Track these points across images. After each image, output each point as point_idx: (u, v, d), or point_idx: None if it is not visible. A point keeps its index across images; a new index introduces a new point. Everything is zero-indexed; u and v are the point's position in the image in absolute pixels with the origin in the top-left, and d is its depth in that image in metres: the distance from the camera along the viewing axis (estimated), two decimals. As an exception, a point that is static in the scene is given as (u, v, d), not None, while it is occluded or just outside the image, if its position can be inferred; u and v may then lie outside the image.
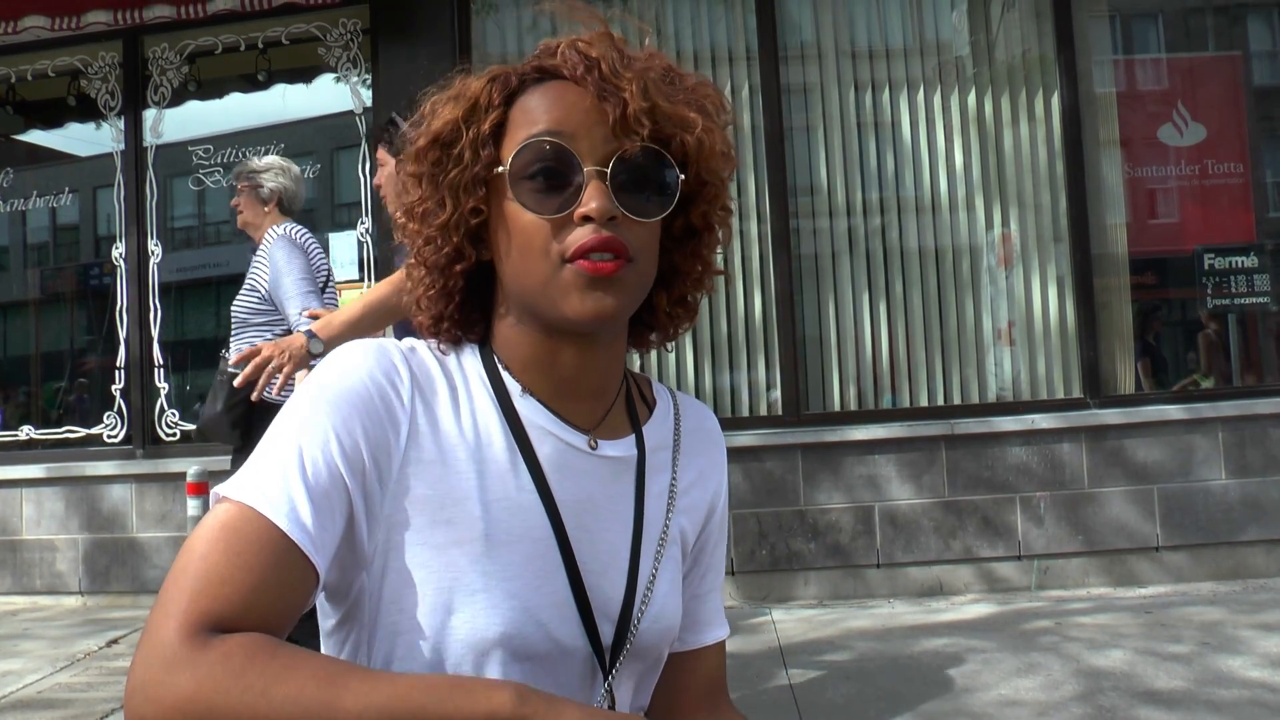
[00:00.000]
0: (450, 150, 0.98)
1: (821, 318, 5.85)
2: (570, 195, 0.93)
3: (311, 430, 0.89)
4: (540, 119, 0.95)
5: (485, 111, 0.97)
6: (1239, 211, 6.03)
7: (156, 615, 0.78)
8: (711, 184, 1.01)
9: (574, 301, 0.93)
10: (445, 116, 0.98)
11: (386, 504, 0.93)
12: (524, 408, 1.00)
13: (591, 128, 0.94)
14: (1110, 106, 5.93)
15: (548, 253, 0.93)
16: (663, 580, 1.06)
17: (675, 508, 1.09)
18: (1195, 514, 5.33)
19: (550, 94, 0.96)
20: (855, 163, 5.91)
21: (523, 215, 0.94)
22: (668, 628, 1.06)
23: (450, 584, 0.93)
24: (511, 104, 0.98)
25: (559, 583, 0.98)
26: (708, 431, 1.17)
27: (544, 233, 0.94)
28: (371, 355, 0.97)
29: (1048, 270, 5.80)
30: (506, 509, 0.96)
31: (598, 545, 1.01)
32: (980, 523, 5.35)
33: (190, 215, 6.33)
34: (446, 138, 0.98)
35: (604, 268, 0.92)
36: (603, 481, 1.03)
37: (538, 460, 0.99)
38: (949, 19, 6.04)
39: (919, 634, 4.62)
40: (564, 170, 0.93)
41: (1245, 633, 4.33)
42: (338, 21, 5.95)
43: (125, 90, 6.15)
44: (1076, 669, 4.00)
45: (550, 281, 0.94)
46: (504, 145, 0.97)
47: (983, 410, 5.63)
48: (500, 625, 0.93)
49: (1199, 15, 6.24)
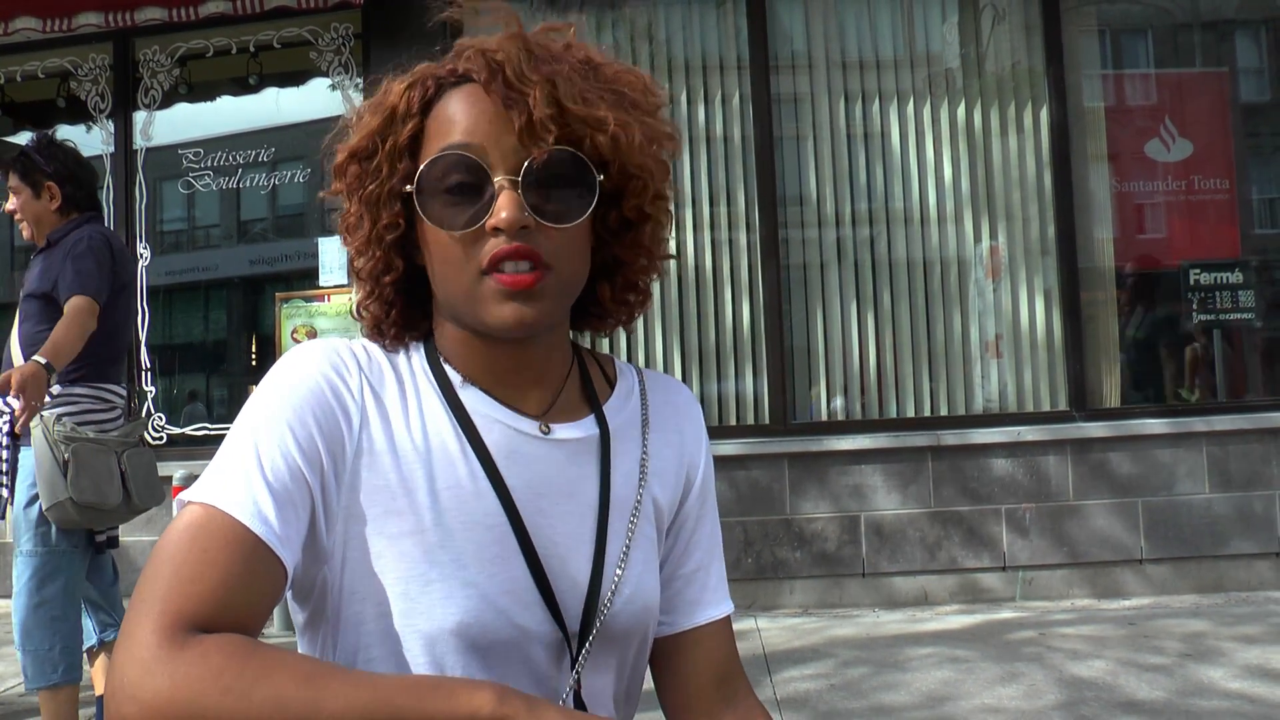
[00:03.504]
0: (368, 164, 0.98)
1: (809, 328, 5.86)
2: (482, 207, 0.92)
3: (267, 428, 0.90)
4: (452, 129, 0.94)
5: (403, 122, 0.96)
6: (1225, 227, 6.06)
7: (132, 617, 0.78)
8: (639, 177, 0.99)
9: (494, 312, 0.93)
10: (364, 129, 0.98)
11: (343, 496, 0.93)
12: (468, 397, 1.01)
13: (500, 135, 0.93)
14: (1099, 121, 5.97)
15: (465, 265, 0.94)
16: (635, 560, 1.04)
17: (646, 484, 1.08)
18: (1179, 527, 5.36)
19: (463, 101, 0.95)
20: (845, 173, 5.93)
21: (438, 230, 0.95)
22: (643, 607, 1.05)
23: (405, 574, 0.93)
24: (429, 112, 0.97)
25: (517, 568, 0.97)
26: (677, 405, 1.16)
27: (459, 246, 0.94)
28: (319, 352, 0.99)
29: (1035, 283, 5.82)
30: (457, 497, 0.96)
31: (558, 528, 1.00)
32: (965, 533, 5.36)
33: (179, 219, 6.32)
34: (364, 152, 0.98)
35: (521, 280, 0.92)
36: (559, 464, 1.02)
37: (485, 447, 0.99)
38: (940, 31, 6.07)
39: (903, 643, 4.62)
40: (474, 182, 0.93)
41: (1226, 644, 4.35)
42: (330, 26, 5.96)
43: (115, 92, 6.14)
44: (1059, 679, 4.01)
45: (470, 293, 0.94)
46: (421, 155, 0.96)
47: (969, 422, 5.65)
48: (457, 614, 0.93)
49: (1187, 31, 6.28)
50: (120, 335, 3.55)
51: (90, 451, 3.25)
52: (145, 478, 3.44)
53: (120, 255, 3.51)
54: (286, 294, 5.99)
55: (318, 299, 5.90)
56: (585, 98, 0.94)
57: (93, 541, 3.48)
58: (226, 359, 6.49)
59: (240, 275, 6.42)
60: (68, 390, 3.34)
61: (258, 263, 6.35)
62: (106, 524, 3.45)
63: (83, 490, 3.19)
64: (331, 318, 5.86)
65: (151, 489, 3.48)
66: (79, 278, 3.29)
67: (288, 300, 5.94)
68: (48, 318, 3.33)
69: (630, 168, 0.98)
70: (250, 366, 6.32)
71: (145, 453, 3.51)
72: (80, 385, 3.37)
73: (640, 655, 1.09)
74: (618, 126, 0.94)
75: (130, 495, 3.35)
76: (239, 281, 6.48)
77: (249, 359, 6.34)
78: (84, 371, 3.37)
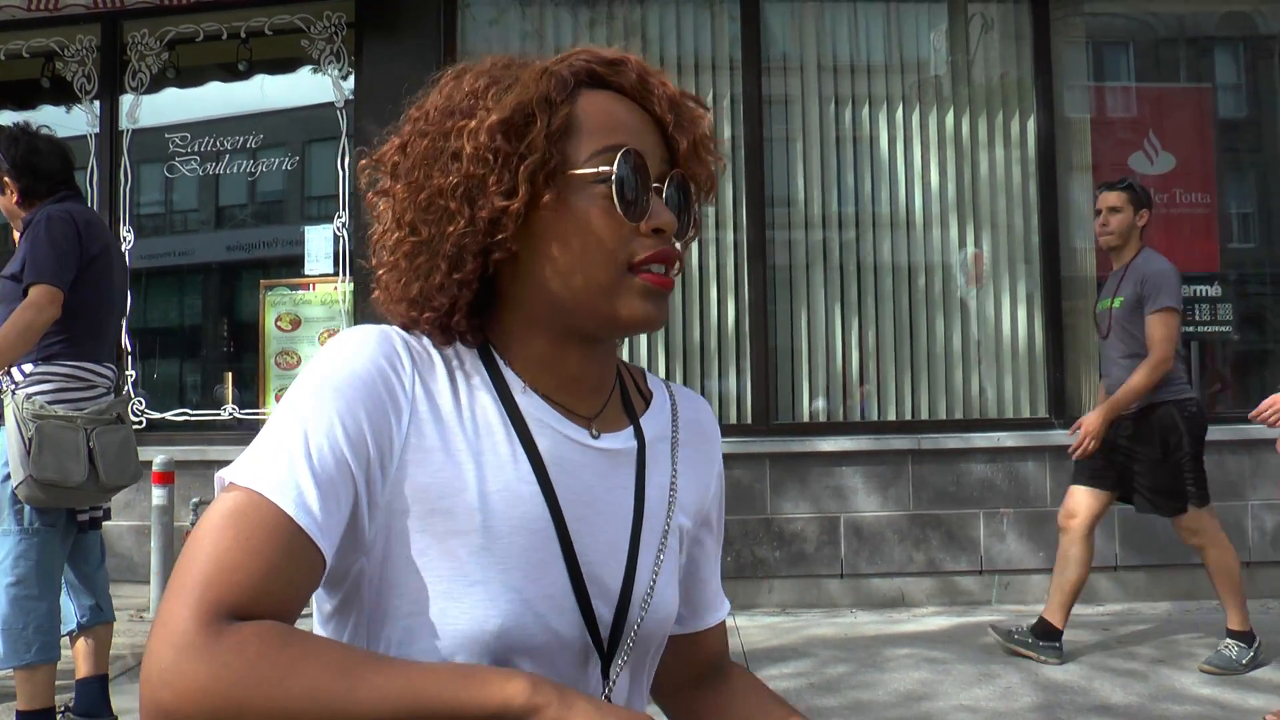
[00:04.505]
0: (523, 137, 0.95)
1: (794, 328, 5.89)
2: (641, 207, 0.97)
3: (316, 415, 0.89)
4: (614, 126, 0.98)
5: (557, 106, 0.96)
6: (1205, 241, 6.14)
7: (170, 602, 0.78)
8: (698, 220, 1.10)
9: (634, 307, 0.97)
10: (512, 101, 0.95)
11: (388, 489, 0.92)
12: (525, 402, 1.00)
13: (652, 147, 0.99)
14: (1084, 132, 6.03)
15: (614, 258, 0.96)
16: (663, 571, 1.06)
17: (676, 498, 1.10)
18: (1154, 535, 5.41)
19: (610, 103, 0.99)
20: (833, 176, 5.97)
21: (593, 218, 0.96)
22: (665, 617, 1.07)
23: (449, 573, 0.92)
24: (574, 102, 0.98)
25: (557, 574, 0.97)
26: (703, 424, 1.19)
27: (613, 238, 0.96)
28: (373, 339, 0.96)
29: (1018, 291, 5.88)
30: (505, 500, 0.96)
31: (598, 537, 1.01)
32: (944, 536, 5.41)
33: (164, 202, 6.27)
34: (519, 122, 0.95)
35: (667, 282, 0.99)
36: (602, 473, 1.03)
37: (538, 452, 0.99)
38: (928, 38, 6.12)
39: (881, 643, 4.66)
40: (639, 182, 0.97)
41: (1199, 651, 4.41)
42: (322, 14, 5.94)
43: (102, 74, 6.08)
44: (1034, 681, 4.06)
45: (611, 286, 0.97)
46: (569, 144, 0.97)
47: (950, 426, 5.69)
48: (499, 618, 0.92)
49: (1171, 46, 6.36)
50: (95, 311, 3.43)
51: (55, 428, 3.20)
52: (117, 456, 3.37)
53: (88, 228, 3.40)
54: (271, 281, 5.96)
55: (302, 287, 5.87)
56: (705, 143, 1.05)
57: (74, 521, 3.45)
58: (208, 344, 6.44)
59: (223, 261, 6.37)
60: (41, 369, 3.29)
61: (241, 248, 6.31)
62: (78, 503, 3.40)
63: (43, 467, 3.15)
64: (316, 306, 5.84)
65: (123, 467, 3.40)
66: (34, 265, 3.23)
67: (272, 288, 5.92)
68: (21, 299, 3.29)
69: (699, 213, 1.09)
70: (231, 353, 6.28)
71: (120, 430, 3.43)
72: (55, 363, 3.31)
73: (653, 659, 1.11)
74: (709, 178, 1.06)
75: (98, 473, 3.30)
76: (220, 267, 6.42)
77: (231, 345, 6.30)
78: (57, 349, 3.30)
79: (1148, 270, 4.36)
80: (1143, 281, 4.35)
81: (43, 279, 3.22)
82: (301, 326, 5.85)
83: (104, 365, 3.47)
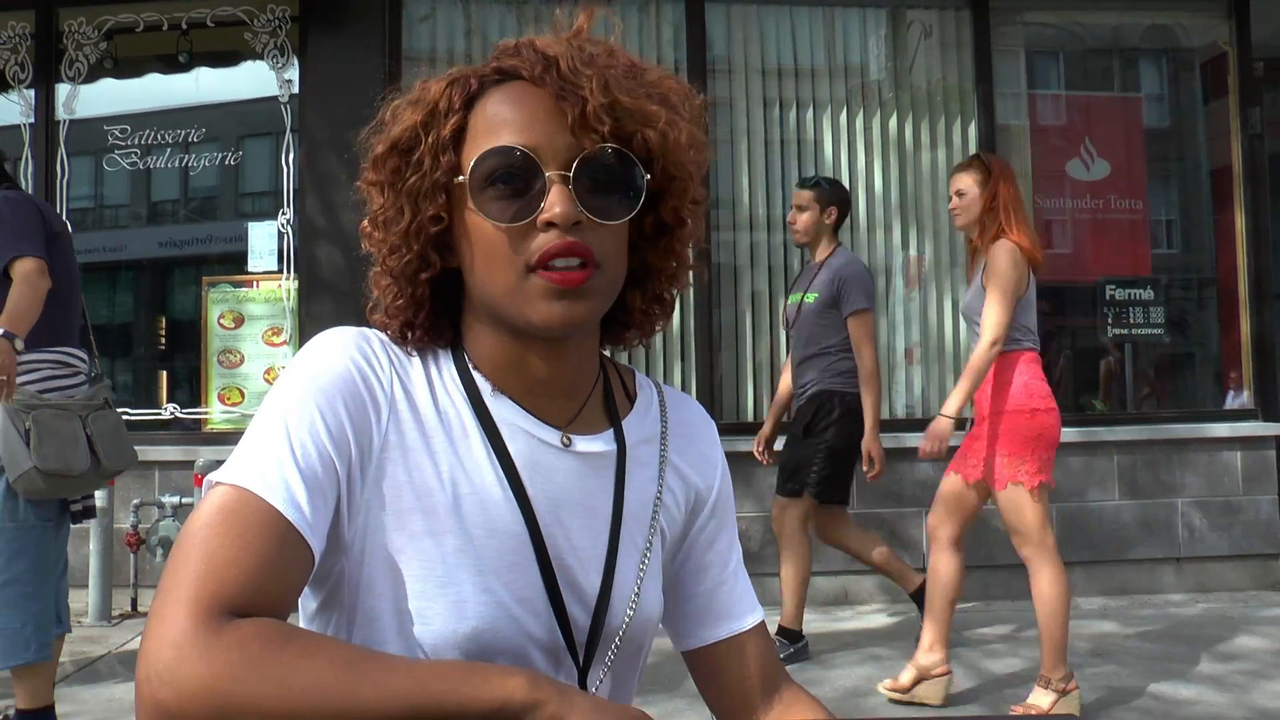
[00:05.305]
0: (409, 157, 0.96)
1: (738, 329, 5.94)
2: (532, 201, 0.92)
3: (299, 414, 0.89)
4: (500, 123, 0.94)
5: (445, 116, 0.95)
6: (1137, 246, 6.32)
7: (164, 601, 0.77)
8: (680, 178, 0.99)
9: (541, 310, 0.93)
10: (404, 122, 0.97)
11: (366, 488, 0.93)
12: (495, 405, 1.00)
13: (552, 131, 0.92)
14: (1023, 138, 6.18)
15: (512, 261, 0.93)
16: (647, 576, 1.06)
17: (661, 501, 1.09)
18: (1089, 533, 5.56)
19: (510, 96, 0.95)
20: (776, 178, 6.03)
21: (485, 224, 0.93)
22: (646, 619, 1.06)
23: (423, 573, 0.93)
24: (471, 108, 0.96)
25: (532, 577, 0.98)
26: (694, 425, 1.17)
27: (507, 241, 0.93)
28: (352, 340, 0.97)
29: (958, 293, 5.98)
30: (479, 503, 0.96)
31: (574, 540, 1.01)
32: (886, 535, 5.47)
33: (100, 195, 6.10)
34: (405, 144, 0.96)
35: (571, 278, 0.92)
36: (578, 476, 1.02)
37: (510, 456, 0.99)
38: (869, 44, 6.20)
39: (824, 640, 4.72)
40: (525, 176, 0.92)
41: (1132, 645, 4.54)
42: (266, 7, 5.83)
43: (37, 63, 5.91)
44: (977, 675, 4.14)
45: (516, 290, 0.93)
46: (464, 151, 0.95)
47: (891, 426, 5.75)
48: (473, 620, 0.93)
49: (1105, 56, 6.54)
50: (65, 294, 3.35)
51: (53, 417, 3.15)
52: (113, 439, 3.33)
53: (46, 208, 3.37)
54: (214, 278, 5.86)
55: (246, 284, 5.78)
56: (635, 94, 0.95)
57: (66, 513, 3.37)
58: (147, 342, 6.32)
59: (162, 257, 6.25)
60: (26, 356, 3.19)
61: (181, 244, 6.19)
62: (77, 491, 3.34)
63: (46, 458, 3.09)
64: (260, 304, 5.75)
65: (120, 450, 3.37)
66: (7, 242, 3.14)
67: (215, 285, 5.81)
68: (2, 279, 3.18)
69: (673, 168, 0.98)
70: (169, 350, 6.17)
71: (110, 414, 3.39)
72: (38, 351, 3.21)
73: (634, 661, 1.09)
74: (666, 124, 0.95)
75: (99, 459, 3.25)
76: (159, 263, 6.31)
77: (173, 342, 6.18)
78: (39, 336, 3.19)
79: (844, 272, 4.45)
80: (838, 283, 4.44)
81: (22, 252, 3.13)
82: (245, 324, 5.75)
83: (79, 349, 3.43)
